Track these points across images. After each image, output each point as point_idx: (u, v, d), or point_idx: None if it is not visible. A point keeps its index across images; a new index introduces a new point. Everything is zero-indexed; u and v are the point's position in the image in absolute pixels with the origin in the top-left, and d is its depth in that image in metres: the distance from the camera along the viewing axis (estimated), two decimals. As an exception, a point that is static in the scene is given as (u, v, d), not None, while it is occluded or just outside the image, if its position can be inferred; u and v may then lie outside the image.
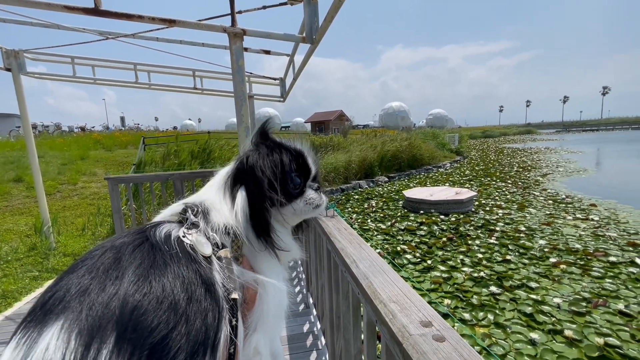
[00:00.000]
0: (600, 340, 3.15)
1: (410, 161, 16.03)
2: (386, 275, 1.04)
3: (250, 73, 4.32)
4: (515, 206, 8.49)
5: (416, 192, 9.24)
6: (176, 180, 4.58)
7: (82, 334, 0.38)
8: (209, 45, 3.38)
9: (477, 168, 16.78)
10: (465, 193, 8.59)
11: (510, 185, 11.58)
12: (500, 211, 8.05)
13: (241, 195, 0.63)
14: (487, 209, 8.38)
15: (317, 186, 0.74)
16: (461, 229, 6.83)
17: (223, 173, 0.71)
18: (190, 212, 0.61)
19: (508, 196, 9.78)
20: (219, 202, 0.64)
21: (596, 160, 19.80)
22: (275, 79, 4.44)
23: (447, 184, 11.88)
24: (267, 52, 3.22)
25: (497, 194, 10.21)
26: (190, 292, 0.46)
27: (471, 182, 12.46)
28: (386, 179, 14.00)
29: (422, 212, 8.33)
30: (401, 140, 16.23)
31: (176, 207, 0.65)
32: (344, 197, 10.86)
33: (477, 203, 8.96)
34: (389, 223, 7.49)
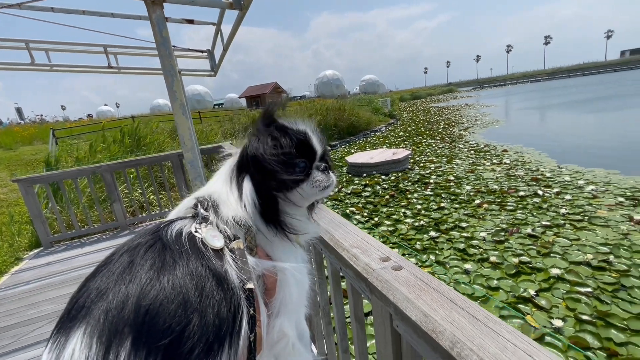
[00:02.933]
0: (515, 260, 3.83)
1: (349, 128, 16.51)
2: (345, 227, 1.14)
3: (174, 46, 3.95)
4: (445, 159, 9.42)
5: (358, 157, 9.67)
6: (105, 173, 4.14)
7: (102, 338, 0.40)
8: (120, 16, 2.97)
9: (409, 128, 17.98)
10: (401, 153, 9.24)
11: (439, 141, 12.72)
12: (432, 165, 8.88)
13: (247, 185, 0.62)
14: (421, 164, 9.17)
15: (325, 166, 0.72)
16: (401, 185, 7.42)
17: (229, 163, 0.71)
18: (200, 206, 0.62)
19: (438, 151, 10.77)
20: (226, 193, 0.64)
21: (505, 112, 22.57)
22: (202, 51, 4.12)
23: (385, 146, 12.61)
24: (191, 22, 2.97)
25: (428, 150, 11.16)
26: (200, 288, 0.47)
27: (405, 142, 13.38)
28: (328, 148, 14.27)
29: (365, 175, 8.80)
30: (338, 109, 16.51)
31: (188, 201, 0.66)
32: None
33: (412, 160, 9.72)
34: (336, 189, 7.80)
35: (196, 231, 0.56)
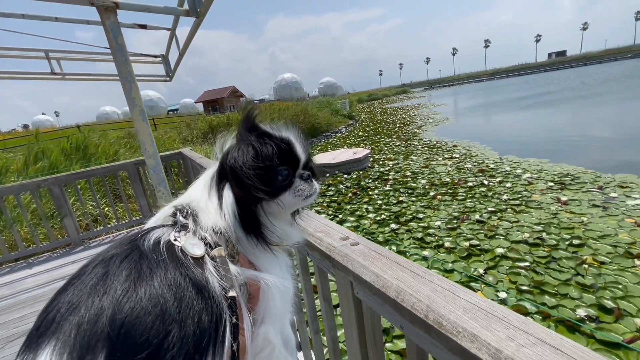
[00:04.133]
0: (467, 244, 4.22)
1: (310, 130, 16.72)
2: (309, 217, 1.26)
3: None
4: (401, 156, 9.95)
5: (320, 158, 9.88)
6: (52, 187, 3.87)
7: (72, 355, 0.38)
8: (64, 20, 2.84)
9: (367, 129, 18.64)
10: (361, 152, 9.60)
11: (395, 139, 13.37)
12: (390, 162, 9.34)
13: (227, 194, 0.61)
14: (380, 162, 9.61)
15: (308, 174, 0.71)
16: (362, 183, 7.73)
17: (210, 171, 0.69)
18: (179, 214, 0.61)
19: (395, 149, 11.33)
20: (205, 202, 0.63)
21: (454, 110, 24.25)
22: (156, 57, 4.03)
23: (346, 147, 12.98)
24: (143, 27, 2.92)
25: (386, 148, 11.70)
26: (179, 298, 0.46)
27: (365, 142, 13.88)
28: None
29: (328, 175, 9.02)
30: (298, 111, 16.67)
31: (167, 210, 0.64)
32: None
33: (372, 159, 10.14)
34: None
35: (175, 239, 0.54)
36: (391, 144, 12.54)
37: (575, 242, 3.86)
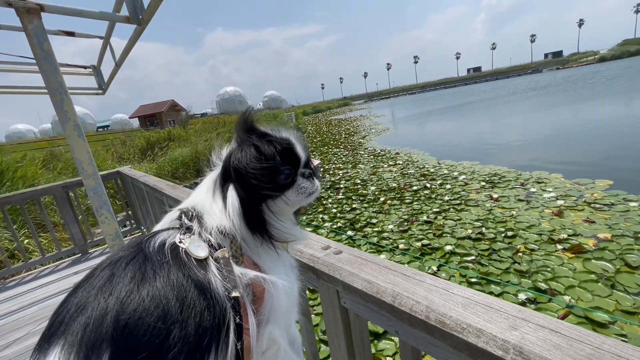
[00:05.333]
0: (419, 244, 4.46)
1: (257, 143, 16.47)
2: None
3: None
4: (350, 165, 10.28)
5: (271, 171, 9.74)
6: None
7: (79, 354, 0.40)
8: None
9: (315, 140, 18.96)
10: (312, 162, 9.70)
11: (342, 149, 13.79)
12: (340, 172, 9.58)
13: (231, 195, 0.62)
14: (331, 172, 9.81)
15: (309, 173, 0.72)
16: (315, 193, 7.79)
17: (213, 175, 0.70)
18: (184, 217, 0.62)
19: (343, 159, 11.67)
20: (210, 204, 0.64)
21: (393, 121, 25.93)
22: (85, 67, 3.64)
23: (295, 158, 13.02)
24: (71, 34, 2.61)
25: (335, 158, 11.99)
26: (182, 298, 0.47)
27: (314, 153, 14.08)
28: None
29: (280, 187, 8.93)
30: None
31: (172, 213, 0.66)
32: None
33: (322, 169, 10.30)
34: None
35: (180, 242, 0.56)
36: (339, 154, 12.89)
37: (509, 233, 4.33)
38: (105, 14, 1.88)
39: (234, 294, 0.53)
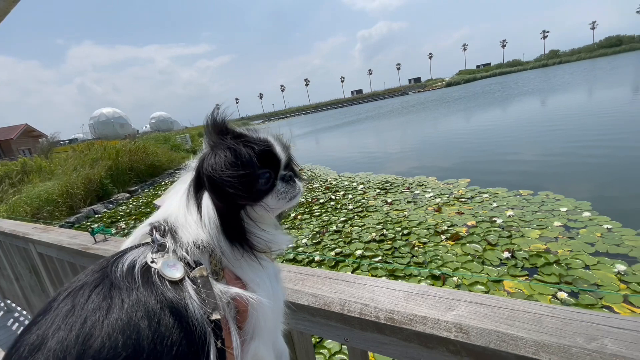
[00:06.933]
0: (333, 253, 4.66)
1: (149, 169, 14.63)
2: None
3: None
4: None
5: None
6: None
7: None
8: None
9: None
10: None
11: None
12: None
13: (206, 205, 0.56)
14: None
15: (290, 175, 0.67)
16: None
17: (185, 178, 0.63)
18: (156, 232, 0.55)
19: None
20: (184, 215, 0.57)
21: (291, 138, 26.82)
22: None
23: (195, 183, 12.08)
24: None
25: (239, 179, 11.63)
26: (154, 329, 0.43)
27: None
28: (127, 195, 12.11)
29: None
30: (132, 150, 14.31)
31: (143, 228, 0.59)
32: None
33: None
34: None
35: (152, 261, 0.50)
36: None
37: (405, 232, 4.94)
38: None
39: (214, 316, 0.49)
